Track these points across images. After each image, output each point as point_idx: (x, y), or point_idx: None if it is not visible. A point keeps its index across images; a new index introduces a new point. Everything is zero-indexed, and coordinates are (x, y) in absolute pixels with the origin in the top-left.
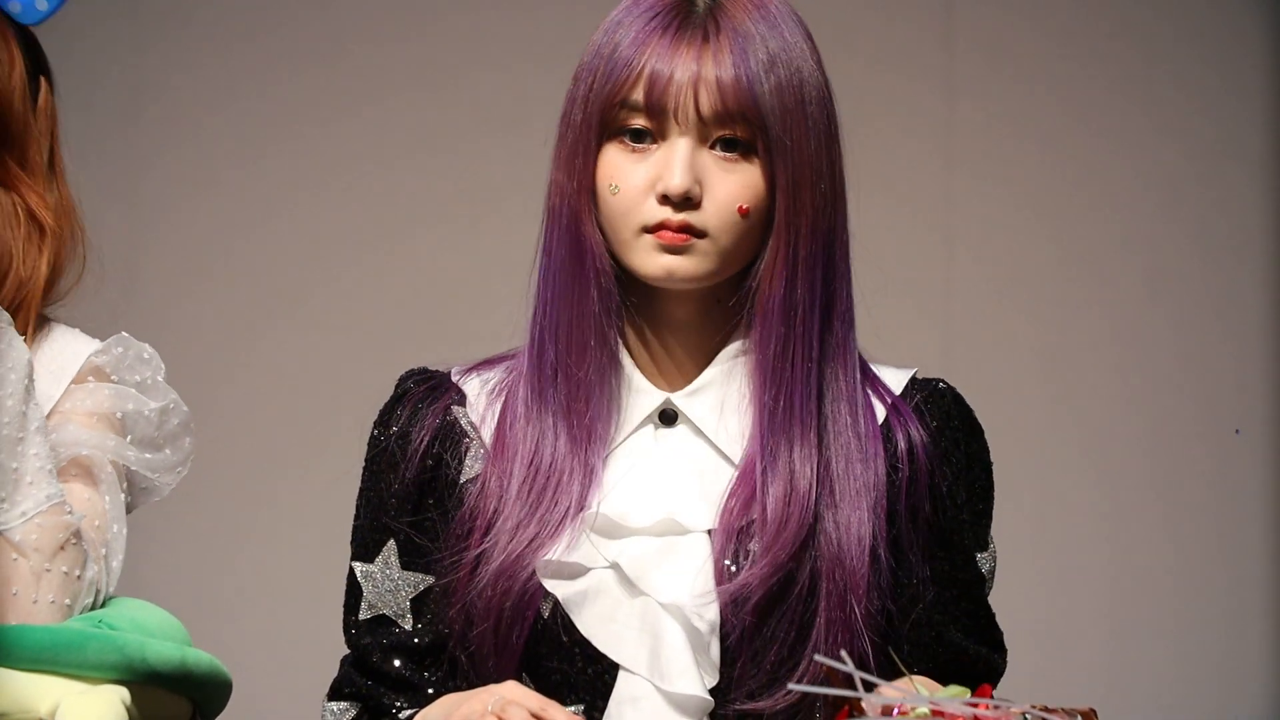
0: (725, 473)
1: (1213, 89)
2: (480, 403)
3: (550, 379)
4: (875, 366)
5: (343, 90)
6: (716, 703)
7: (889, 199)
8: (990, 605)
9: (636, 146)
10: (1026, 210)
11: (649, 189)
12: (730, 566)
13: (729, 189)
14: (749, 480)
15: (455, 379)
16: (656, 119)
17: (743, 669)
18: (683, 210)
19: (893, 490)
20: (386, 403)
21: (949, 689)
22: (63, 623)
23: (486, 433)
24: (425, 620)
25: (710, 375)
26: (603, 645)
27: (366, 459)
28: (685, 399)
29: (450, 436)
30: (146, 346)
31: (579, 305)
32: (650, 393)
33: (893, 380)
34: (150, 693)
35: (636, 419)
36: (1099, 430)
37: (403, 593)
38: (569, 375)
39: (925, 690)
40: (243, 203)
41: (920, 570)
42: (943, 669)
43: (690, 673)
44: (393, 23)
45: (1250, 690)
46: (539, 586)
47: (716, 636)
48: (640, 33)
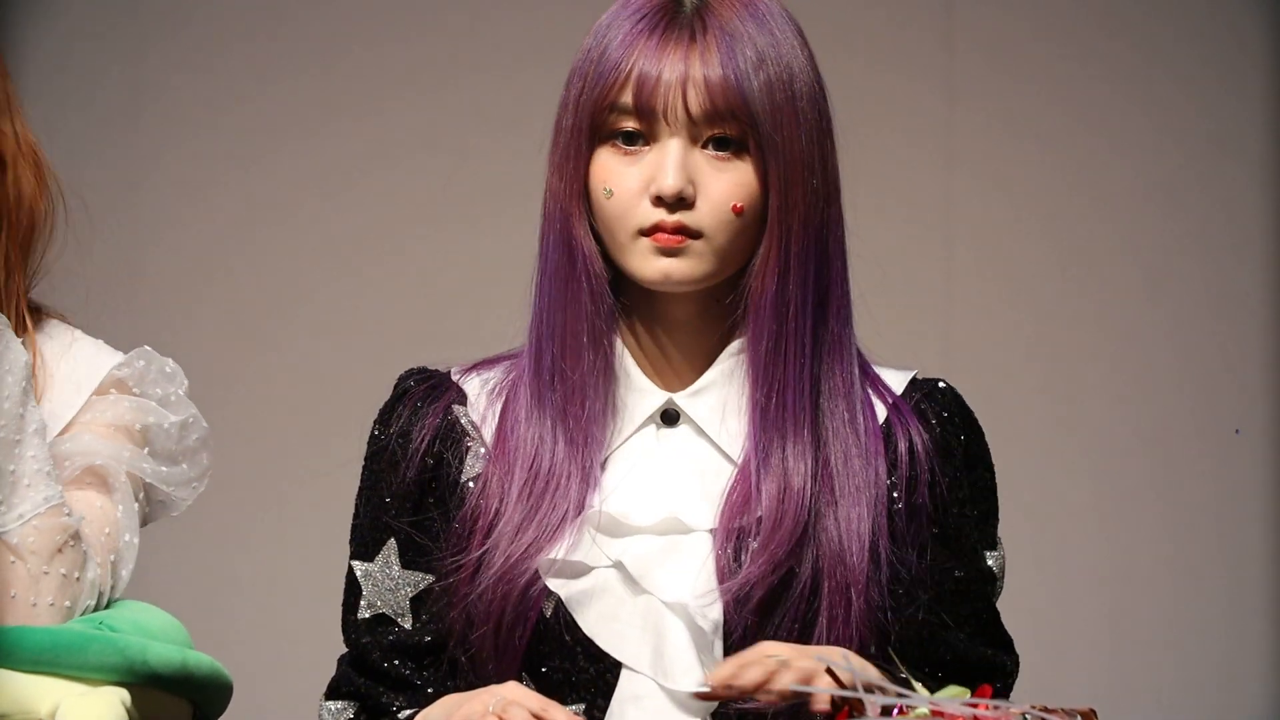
0: (726, 472)
1: (1213, 89)
2: (481, 402)
3: (548, 383)
4: (876, 368)
5: (344, 91)
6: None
7: (889, 199)
8: (995, 606)
9: (629, 149)
10: (1026, 210)
11: (643, 191)
12: (732, 565)
13: (722, 188)
14: (746, 479)
15: (455, 378)
16: (646, 120)
17: None
18: (677, 211)
19: (893, 488)
20: (386, 402)
21: (949, 689)
22: (64, 624)
23: (487, 432)
24: (425, 619)
25: (712, 375)
26: (605, 644)
27: (366, 458)
28: (687, 399)
29: (451, 436)
30: (169, 361)
31: (573, 309)
32: (652, 393)
33: (893, 381)
34: (151, 695)
35: (638, 419)
36: (1099, 430)
37: (403, 592)
38: (565, 379)
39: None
40: (242, 204)
41: (922, 569)
42: (945, 669)
43: (694, 671)
44: (394, 24)
45: (1250, 691)
46: (539, 589)
47: (720, 635)
48: (628, 35)
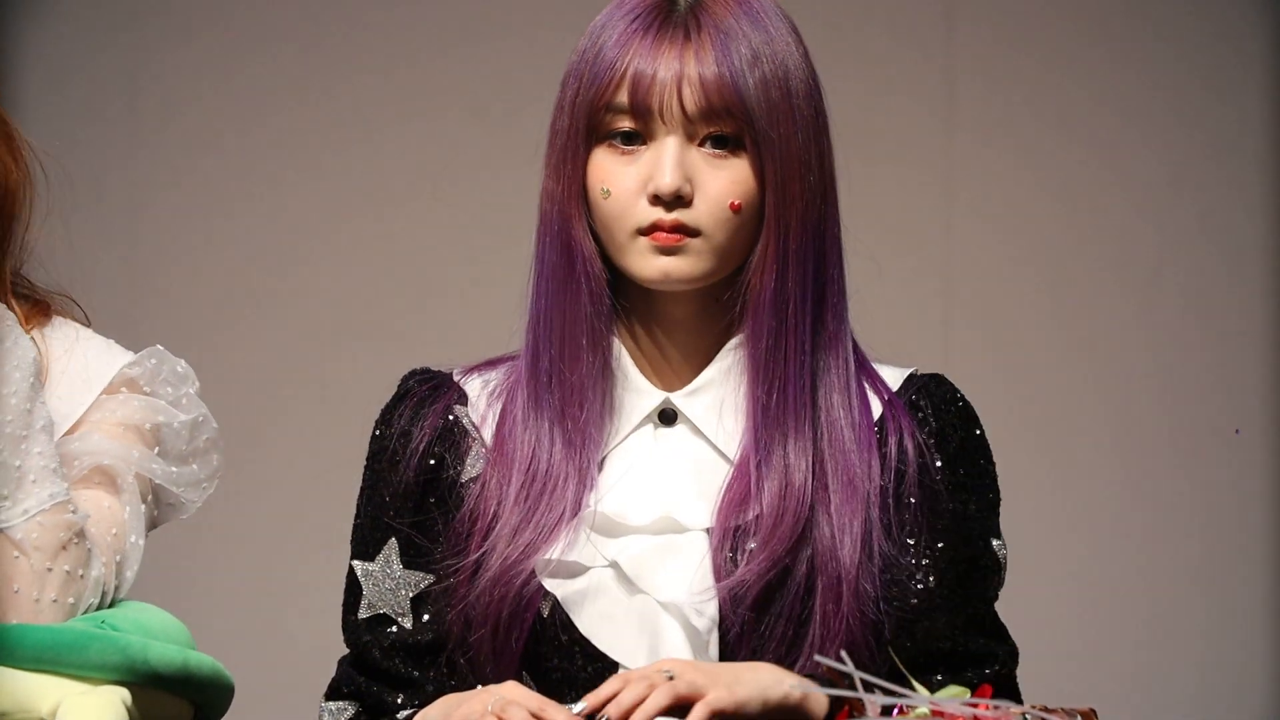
0: (723, 470)
1: (1213, 89)
2: (481, 403)
3: (546, 384)
4: (875, 365)
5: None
6: None
7: (890, 199)
8: (990, 596)
9: (626, 149)
10: (1026, 211)
11: (640, 190)
12: (729, 564)
13: (720, 186)
14: (744, 477)
15: (457, 379)
16: (643, 119)
17: None
18: (675, 209)
19: (887, 482)
20: (388, 402)
21: (949, 689)
22: (65, 623)
23: (488, 433)
24: (425, 619)
25: (709, 375)
26: (602, 644)
27: (368, 458)
28: (684, 399)
29: (451, 436)
30: (181, 361)
31: (571, 310)
32: (650, 393)
33: (890, 378)
34: (151, 694)
35: (636, 419)
36: (1098, 430)
37: (403, 591)
38: (563, 380)
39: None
40: (243, 204)
41: (916, 562)
42: (936, 658)
43: None
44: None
45: (1250, 690)
46: (536, 591)
47: (715, 634)
48: (622, 34)
